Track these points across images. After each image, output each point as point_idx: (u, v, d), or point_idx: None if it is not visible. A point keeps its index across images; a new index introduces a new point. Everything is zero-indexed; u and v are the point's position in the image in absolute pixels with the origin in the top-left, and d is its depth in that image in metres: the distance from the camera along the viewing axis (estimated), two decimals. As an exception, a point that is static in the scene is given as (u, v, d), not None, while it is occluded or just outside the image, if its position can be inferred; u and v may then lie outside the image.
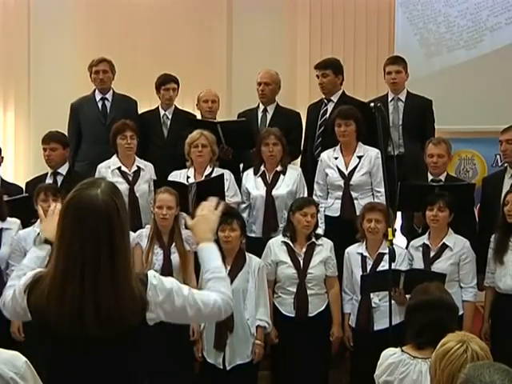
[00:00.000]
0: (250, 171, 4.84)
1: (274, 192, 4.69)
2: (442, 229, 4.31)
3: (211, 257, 2.22)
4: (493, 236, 4.30)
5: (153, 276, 2.04)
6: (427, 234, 4.37)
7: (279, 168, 4.75)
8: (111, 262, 1.97)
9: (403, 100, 5.19)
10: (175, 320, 2.08)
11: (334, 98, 5.19)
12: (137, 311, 1.99)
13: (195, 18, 6.63)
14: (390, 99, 5.20)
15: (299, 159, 5.32)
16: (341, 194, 4.68)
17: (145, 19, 6.60)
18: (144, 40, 6.56)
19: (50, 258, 2.16)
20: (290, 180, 4.73)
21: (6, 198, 4.47)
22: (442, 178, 4.69)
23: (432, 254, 4.29)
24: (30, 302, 2.04)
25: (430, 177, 4.69)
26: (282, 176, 4.74)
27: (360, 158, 4.72)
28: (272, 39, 6.56)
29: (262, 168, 4.77)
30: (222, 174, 4.59)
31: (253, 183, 4.77)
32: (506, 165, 4.86)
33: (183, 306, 2.06)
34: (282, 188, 4.71)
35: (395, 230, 4.33)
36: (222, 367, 4.14)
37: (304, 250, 4.33)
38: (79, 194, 2.03)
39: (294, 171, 4.79)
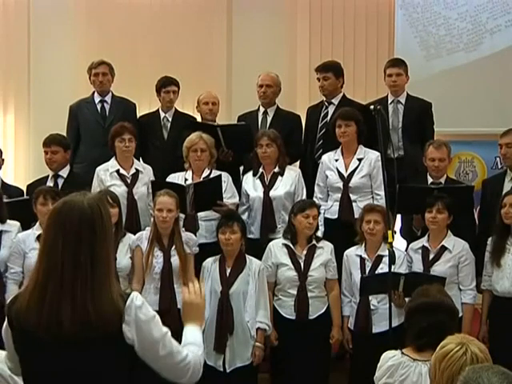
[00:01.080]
0: (250, 173, 4.84)
1: (272, 193, 4.70)
2: (441, 231, 4.31)
3: (194, 333, 2.18)
4: (490, 239, 4.30)
5: (136, 297, 2.03)
6: (426, 236, 4.37)
7: (277, 169, 4.76)
8: (91, 266, 1.98)
9: (403, 102, 5.19)
10: (144, 353, 2.02)
11: (335, 101, 5.20)
12: (112, 318, 1.97)
13: (195, 21, 6.63)
14: (389, 101, 5.20)
15: (298, 161, 5.32)
16: (339, 196, 4.68)
17: (145, 22, 6.61)
18: (144, 42, 6.57)
19: None
20: (288, 181, 4.73)
21: (5, 199, 4.47)
22: (442, 180, 4.69)
23: (431, 256, 4.29)
24: (10, 321, 2.03)
25: (430, 179, 4.70)
26: (279, 177, 4.74)
27: (360, 160, 4.72)
28: (272, 42, 6.57)
29: (261, 170, 4.78)
30: (220, 175, 4.60)
31: (251, 185, 4.77)
32: (506, 167, 4.86)
33: (157, 341, 2.02)
34: (280, 189, 4.71)
35: (395, 232, 4.32)
36: (222, 369, 4.15)
37: (305, 252, 4.33)
38: (66, 199, 2.07)
39: (293, 172, 4.79)
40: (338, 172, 4.72)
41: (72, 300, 1.95)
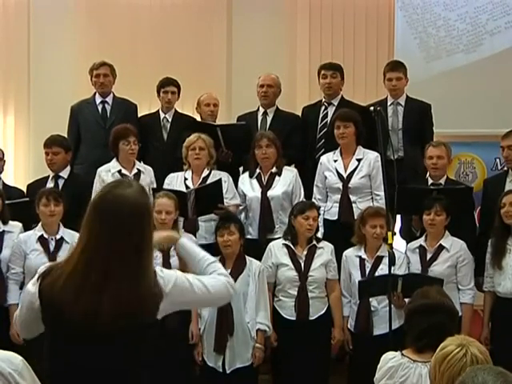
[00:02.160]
0: (246, 174, 4.85)
1: (270, 193, 4.70)
2: (439, 232, 4.31)
3: (195, 246, 2.30)
4: (490, 240, 4.30)
5: (159, 270, 2.08)
6: (424, 236, 4.38)
7: (274, 169, 4.76)
8: (137, 258, 1.98)
9: (402, 104, 5.20)
10: (186, 306, 2.14)
11: (335, 102, 5.21)
12: (154, 306, 2.00)
13: (195, 22, 6.63)
14: (389, 103, 5.20)
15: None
16: (339, 196, 4.68)
17: (145, 22, 6.61)
18: (144, 43, 6.57)
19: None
20: (286, 181, 4.73)
21: (6, 201, 4.48)
22: (442, 181, 4.69)
23: (429, 255, 4.29)
24: (41, 292, 2.03)
25: (431, 180, 4.70)
26: (277, 177, 4.75)
27: (359, 160, 4.72)
28: (272, 42, 6.57)
29: (258, 170, 4.78)
30: (220, 179, 4.60)
31: (248, 185, 4.78)
32: (507, 168, 4.85)
33: (192, 290, 2.10)
34: (278, 189, 4.71)
35: (395, 233, 4.33)
36: (221, 371, 4.15)
37: (305, 252, 4.34)
38: (113, 189, 2.05)
39: (290, 172, 4.80)
40: (338, 173, 4.72)
41: (116, 291, 1.95)
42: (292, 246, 4.35)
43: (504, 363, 1.80)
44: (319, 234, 4.50)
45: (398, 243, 4.73)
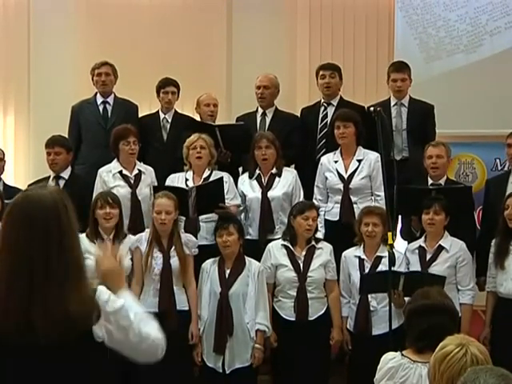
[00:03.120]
0: (245, 175, 4.85)
1: (270, 193, 4.70)
2: (439, 232, 4.31)
3: (136, 307, 2.05)
4: (493, 240, 4.30)
5: (101, 291, 1.95)
6: (423, 236, 4.38)
7: (274, 170, 4.76)
8: (60, 262, 1.88)
9: (406, 105, 5.20)
10: (114, 343, 1.95)
11: (334, 102, 5.21)
12: (87, 315, 1.88)
13: (195, 22, 6.63)
14: (392, 104, 5.20)
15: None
16: (340, 197, 4.68)
17: (145, 23, 6.61)
18: (144, 44, 6.57)
19: None
20: (286, 182, 4.73)
21: (6, 201, 4.47)
22: (442, 182, 4.69)
23: (428, 256, 4.29)
24: None
25: (430, 181, 4.70)
26: (277, 178, 4.75)
27: (360, 161, 4.72)
28: (272, 43, 6.57)
29: (257, 171, 4.78)
30: (221, 178, 4.59)
31: (248, 186, 4.78)
32: (507, 168, 4.85)
33: (126, 328, 1.94)
34: (278, 189, 4.71)
35: (395, 234, 4.33)
36: (221, 371, 4.15)
37: (304, 253, 4.33)
38: (27, 193, 1.96)
39: (289, 173, 4.80)
40: (338, 174, 4.72)
41: (44, 299, 1.85)
42: (291, 247, 4.35)
43: (504, 364, 1.80)
44: (320, 235, 4.50)
45: (398, 244, 4.73)
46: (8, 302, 1.86)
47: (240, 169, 5.22)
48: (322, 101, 5.27)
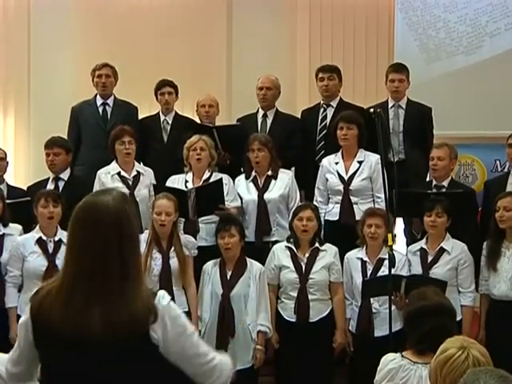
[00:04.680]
0: (242, 177, 4.85)
1: (266, 196, 4.70)
2: (440, 234, 4.30)
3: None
4: (485, 243, 4.30)
5: (163, 296, 2.00)
6: (425, 238, 4.38)
7: (270, 172, 4.76)
8: (121, 267, 1.94)
9: (404, 107, 5.19)
10: (170, 351, 1.98)
11: (334, 104, 5.21)
12: (144, 319, 1.93)
13: (195, 24, 6.63)
14: (390, 106, 5.20)
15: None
16: (340, 198, 4.68)
17: (145, 25, 6.61)
18: (144, 45, 6.57)
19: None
20: (282, 184, 4.73)
21: (8, 201, 4.48)
22: (445, 183, 4.68)
23: (430, 258, 4.29)
24: (31, 313, 1.99)
25: (434, 182, 4.69)
26: (273, 180, 4.75)
27: (360, 163, 4.72)
28: (272, 44, 6.57)
29: (253, 173, 4.78)
30: (221, 179, 4.59)
31: (244, 188, 4.78)
32: (509, 169, 4.85)
33: (184, 340, 1.98)
34: (274, 192, 4.71)
35: (395, 235, 4.33)
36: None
37: (307, 255, 4.33)
38: (91, 200, 2.02)
39: (285, 175, 4.79)
40: (339, 175, 4.72)
41: (103, 303, 1.91)
42: (294, 249, 4.35)
43: (500, 365, 1.80)
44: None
45: (400, 245, 4.73)
46: (70, 301, 1.92)
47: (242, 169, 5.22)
48: (322, 102, 5.27)
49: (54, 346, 1.96)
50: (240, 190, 4.77)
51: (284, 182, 4.74)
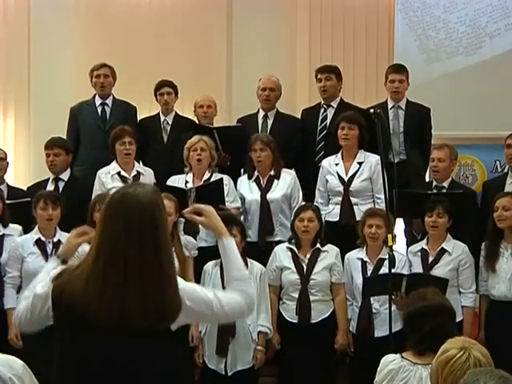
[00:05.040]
0: (244, 177, 4.84)
1: (269, 196, 4.70)
2: (441, 235, 4.30)
3: (237, 255, 2.24)
4: (483, 244, 4.30)
5: (180, 281, 2.06)
6: (426, 239, 4.38)
7: (272, 172, 4.76)
8: (155, 258, 1.98)
9: (403, 108, 5.19)
10: (199, 320, 2.14)
11: (334, 104, 5.20)
12: (177, 308, 2.00)
13: (195, 25, 6.63)
14: (390, 106, 5.20)
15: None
16: (340, 199, 4.68)
17: (145, 25, 6.61)
18: (144, 46, 6.57)
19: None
20: (285, 184, 4.73)
21: (8, 201, 4.47)
22: (446, 184, 4.68)
23: (430, 258, 4.29)
24: (55, 294, 2.02)
25: (435, 183, 4.69)
26: (275, 180, 4.75)
27: (360, 164, 4.72)
28: (272, 44, 6.57)
29: (256, 173, 4.78)
30: (221, 179, 4.59)
31: (247, 188, 4.77)
32: (507, 170, 4.84)
33: (207, 310, 2.08)
34: (277, 192, 4.71)
35: (395, 236, 4.33)
36: (223, 373, 4.15)
37: (308, 255, 4.33)
38: (124, 190, 2.07)
39: (288, 175, 4.79)
40: (339, 176, 4.71)
41: (139, 292, 1.94)
42: (296, 250, 4.35)
43: (499, 365, 1.80)
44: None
45: (401, 245, 4.73)
46: (104, 291, 1.95)
47: (241, 170, 5.21)
48: (322, 102, 5.27)
49: (81, 331, 1.99)
50: (243, 190, 4.77)
51: (287, 181, 4.73)
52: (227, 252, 2.23)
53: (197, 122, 5.46)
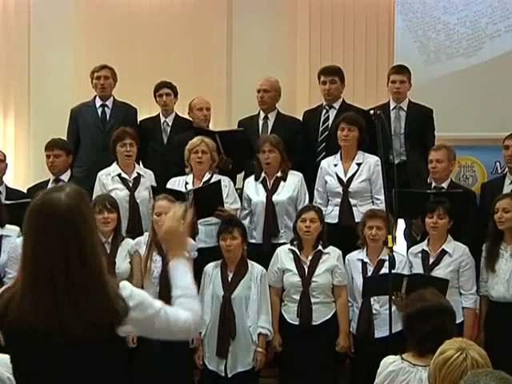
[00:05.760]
0: (251, 178, 4.84)
1: (275, 198, 4.69)
2: (442, 236, 4.30)
3: (182, 274, 2.14)
4: (484, 244, 4.30)
5: (124, 286, 1.98)
6: (426, 240, 4.37)
7: (279, 174, 4.75)
8: (80, 263, 1.89)
9: (405, 109, 5.19)
10: (143, 333, 2.03)
11: (336, 105, 5.20)
12: (116, 313, 1.91)
13: (195, 26, 6.63)
14: (391, 107, 5.19)
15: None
16: (339, 200, 4.68)
17: (144, 26, 6.62)
18: (144, 47, 6.58)
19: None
20: (291, 186, 4.72)
21: (7, 202, 4.47)
22: (445, 185, 4.68)
23: (431, 260, 4.29)
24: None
25: (434, 184, 4.69)
26: (282, 182, 4.74)
27: (359, 165, 4.72)
28: (272, 45, 6.57)
29: (263, 174, 4.77)
30: (219, 181, 4.58)
31: (253, 189, 4.77)
32: (506, 171, 4.85)
33: (152, 319, 1.99)
34: (283, 194, 4.70)
35: (395, 237, 4.33)
36: (223, 374, 4.15)
37: (310, 257, 4.33)
38: (43, 197, 1.95)
39: (295, 177, 4.78)
40: (338, 177, 4.71)
41: (69, 301, 1.87)
42: (297, 252, 4.34)
43: (499, 366, 1.80)
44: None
45: (401, 246, 4.72)
46: (37, 304, 1.88)
47: (240, 175, 5.21)
48: (324, 104, 5.26)
49: (27, 347, 1.93)
50: (249, 192, 4.77)
51: (293, 184, 4.73)
52: (171, 273, 2.15)
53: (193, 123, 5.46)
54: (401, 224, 4.92)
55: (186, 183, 4.72)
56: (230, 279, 4.22)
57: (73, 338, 1.88)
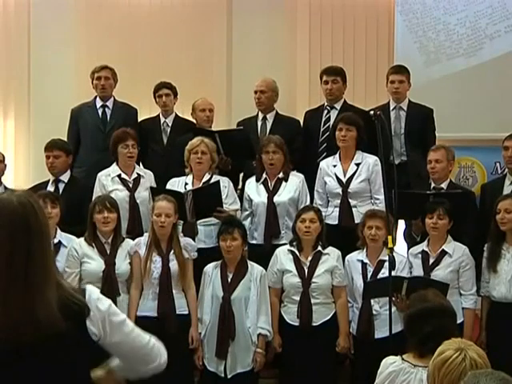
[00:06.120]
0: (252, 179, 4.83)
1: (276, 198, 4.68)
2: (442, 236, 4.30)
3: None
4: (486, 245, 4.30)
5: (92, 290, 1.96)
6: (426, 240, 4.37)
7: (281, 175, 4.75)
8: (25, 266, 1.85)
9: (405, 109, 5.19)
10: (111, 340, 1.96)
11: (337, 106, 5.19)
12: (55, 317, 1.83)
13: (195, 27, 6.64)
14: (391, 108, 5.20)
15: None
16: (339, 201, 4.68)
17: (145, 27, 6.62)
18: (144, 49, 6.59)
19: None
20: (292, 187, 4.72)
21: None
22: (444, 185, 4.68)
23: (431, 260, 4.29)
24: None
25: (433, 184, 4.69)
26: (283, 183, 4.73)
27: (358, 165, 4.72)
28: (272, 46, 6.58)
29: (264, 175, 4.77)
30: (218, 181, 4.58)
31: (255, 190, 4.76)
32: (506, 172, 4.85)
33: (120, 326, 1.97)
34: (284, 195, 4.70)
35: (395, 237, 4.32)
36: (223, 375, 4.15)
37: (310, 258, 4.32)
38: None
39: (296, 178, 4.78)
40: (337, 178, 4.71)
41: (5, 300, 1.82)
42: (297, 252, 4.34)
43: (500, 367, 1.80)
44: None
45: (401, 247, 4.72)
46: None
47: (241, 175, 5.21)
48: (326, 104, 5.26)
49: None
50: (250, 192, 4.76)
51: (294, 185, 4.72)
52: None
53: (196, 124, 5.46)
54: (401, 225, 4.92)
55: (186, 184, 4.72)
56: (229, 280, 4.22)
57: (25, 339, 1.83)
